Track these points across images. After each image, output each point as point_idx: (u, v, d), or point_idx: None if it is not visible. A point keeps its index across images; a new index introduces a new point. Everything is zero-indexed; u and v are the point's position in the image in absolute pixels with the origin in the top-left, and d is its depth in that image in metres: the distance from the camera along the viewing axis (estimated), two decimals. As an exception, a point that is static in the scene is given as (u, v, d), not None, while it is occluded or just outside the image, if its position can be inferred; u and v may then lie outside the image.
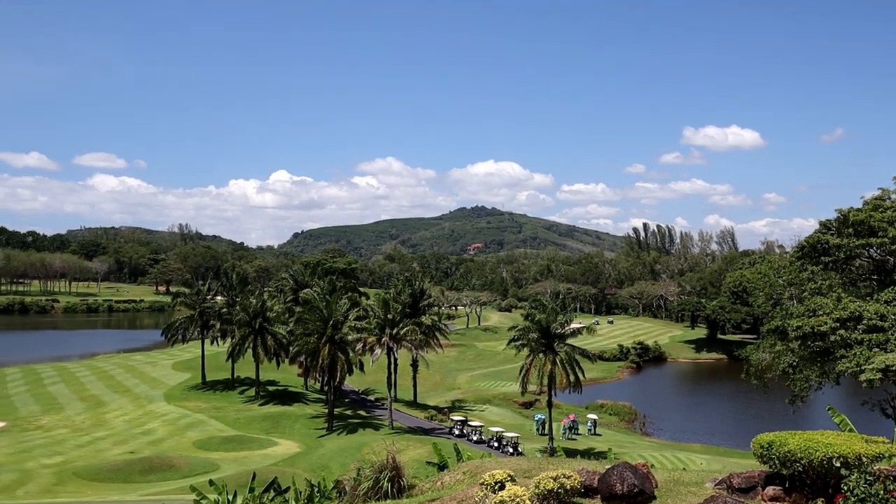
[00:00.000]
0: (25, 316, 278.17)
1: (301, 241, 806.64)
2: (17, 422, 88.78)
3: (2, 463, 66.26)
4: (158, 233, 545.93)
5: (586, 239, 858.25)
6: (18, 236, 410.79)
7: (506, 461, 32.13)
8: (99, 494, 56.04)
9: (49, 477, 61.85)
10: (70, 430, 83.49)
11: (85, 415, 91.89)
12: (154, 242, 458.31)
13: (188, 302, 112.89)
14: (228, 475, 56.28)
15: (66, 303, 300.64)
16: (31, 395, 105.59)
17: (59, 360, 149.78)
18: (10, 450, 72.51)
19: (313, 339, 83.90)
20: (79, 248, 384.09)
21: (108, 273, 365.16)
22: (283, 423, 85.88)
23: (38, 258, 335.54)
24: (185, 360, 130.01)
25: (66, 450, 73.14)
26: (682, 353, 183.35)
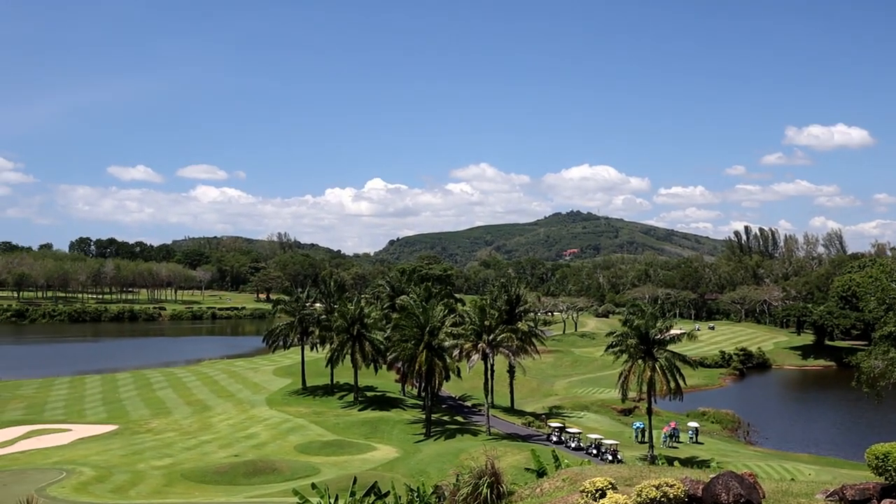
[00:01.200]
0: (135, 323, 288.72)
1: (396, 249, 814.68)
2: (128, 425, 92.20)
3: (115, 464, 68.80)
4: (258, 242, 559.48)
5: (685, 243, 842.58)
6: (127, 247, 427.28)
7: (606, 468, 31.73)
8: (206, 496, 57.60)
9: (159, 478, 63.91)
10: (178, 433, 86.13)
11: (191, 419, 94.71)
12: (254, 251, 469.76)
13: (288, 309, 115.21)
14: (329, 479, 57.09)
15: (172, 310, 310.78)
16: (142, 399, 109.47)
17: (167, 365, 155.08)
18: (123, 452, 75.25)
19: (410, 346, 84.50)
20: (183, 258, 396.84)
21: (212, 281, 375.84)
22: (381, 429, 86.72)
23: (145, 268, 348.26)
24: (285, 366, 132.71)
25: (175, 452, 75.44)
26: (788, 359, 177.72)
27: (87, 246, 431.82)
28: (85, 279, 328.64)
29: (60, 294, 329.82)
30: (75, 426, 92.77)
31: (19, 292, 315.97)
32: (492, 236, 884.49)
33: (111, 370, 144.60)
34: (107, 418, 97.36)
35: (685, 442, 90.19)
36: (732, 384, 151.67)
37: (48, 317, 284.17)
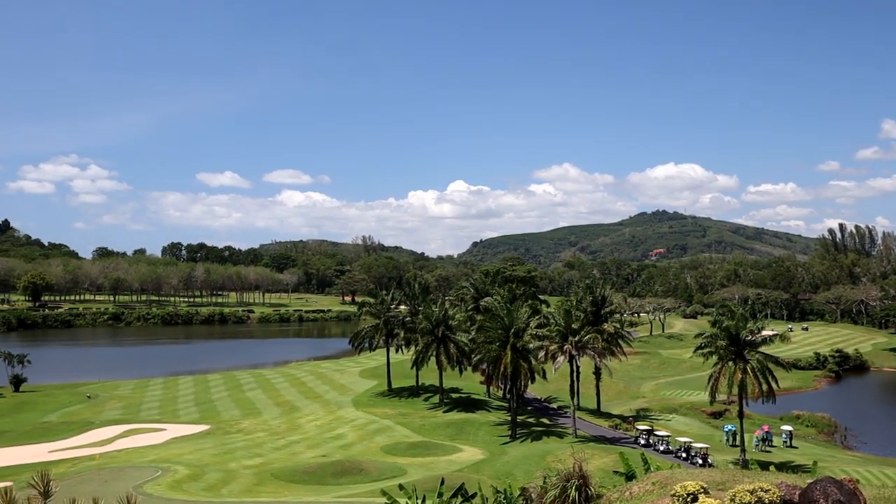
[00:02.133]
0: (224, 326, 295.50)
1: (480, 250, 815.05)
2: (220, 425, 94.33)
3: (208, 463, 70.42)
4: (343, 245, 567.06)
5: (776, 242, 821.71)
6: (217, 251, 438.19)
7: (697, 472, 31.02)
8: (295, 495, 58.43)
9: (250, 477, 65.16)
10: (267, 433, 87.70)
11: (280, 419, 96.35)
12: (339, 254, 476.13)
13: (373, 311, 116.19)
14: (416, 480, 57.30)
15: (260, 313, 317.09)
16: (232, 400, 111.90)
17: (256, 367, 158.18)
18: (215, 451, 76.98)
19: (495, 347, 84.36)
20: (270, 262, 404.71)
21: (298, 284, 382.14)
22: (466, 430, 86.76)
23: (234, 271, 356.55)
24: (371, 368, 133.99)
25: (265, 452, 76.82)
26: (888, 361, 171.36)
27: (179, 251, 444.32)
28: (177, 283, 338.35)
29: (154, 297, 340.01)
30: (169, 426, 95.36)
31: (115, 296, 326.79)
32: (576, 237, 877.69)
33: (202, 371, 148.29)
34: (199, 418, 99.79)
35: (778, 446, 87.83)
36: (828, 387, 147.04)
37: (142, 320, 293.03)
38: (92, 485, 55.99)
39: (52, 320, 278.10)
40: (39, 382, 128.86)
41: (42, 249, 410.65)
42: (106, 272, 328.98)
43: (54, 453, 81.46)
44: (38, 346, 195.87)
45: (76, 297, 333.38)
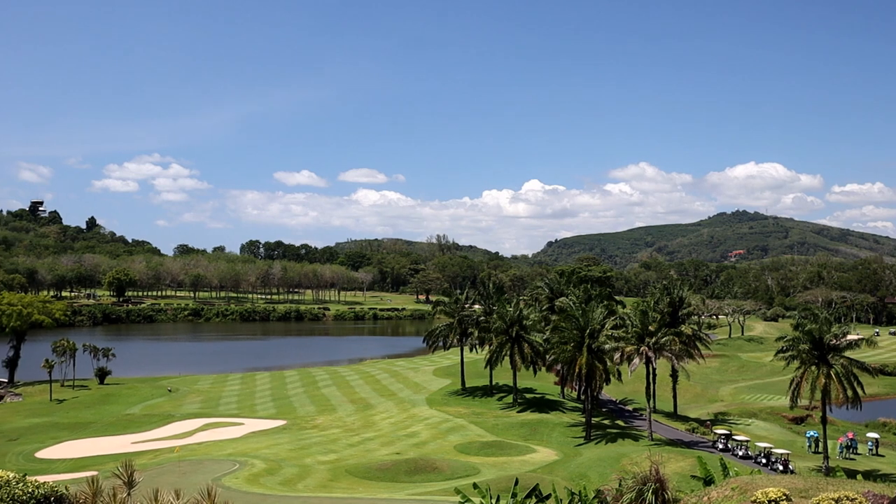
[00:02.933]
0: (300, 323, 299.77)
1: (554, 250, 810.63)
2: (296, 421, 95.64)
3: (284, 458, 71.44)
4: (418, 244, 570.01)
5: (862, 243, 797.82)
6: (293, 249, 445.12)
7: (778, 479, 30.23)
8: (369, 492, 58.82)
9: (325, 473, 65.86)
10: (342, 430, 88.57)
11: (355, 416, 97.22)
12: (414, 253, 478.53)
13: (447, 310, 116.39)
14: (489, 479, 57.18)
15: (335, 311, 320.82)
16: (308, 396, 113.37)
17: (331, 364, 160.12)
18: (291, 446, 78.08)
19: (570, 348, 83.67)
20: (346, 260, 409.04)
21: (373, 282, 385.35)
22: (540, 431, 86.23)
23: (310, 269, 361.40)
24: (444, 367, 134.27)
25: (339, 448, 77.59)
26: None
27: (257, 248, 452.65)
28: (254, 280, 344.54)
29: (232, 294, 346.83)
30: (247, 420, 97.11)
31: (195, 292, 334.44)
32: (652, 237, 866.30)
33: (279, 367, 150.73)
34: (275, 413, 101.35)
35: (864, 454, 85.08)
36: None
37: (221, 316, 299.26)
38: (172, 476, 57.28)
39: (135, 315, 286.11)
40: (123, 375, 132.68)
41: (126, 246, 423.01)
42: (186, 269, 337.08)
43: (136, 445, 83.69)
44: (122, 340, 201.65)
45: (158, 293, 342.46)
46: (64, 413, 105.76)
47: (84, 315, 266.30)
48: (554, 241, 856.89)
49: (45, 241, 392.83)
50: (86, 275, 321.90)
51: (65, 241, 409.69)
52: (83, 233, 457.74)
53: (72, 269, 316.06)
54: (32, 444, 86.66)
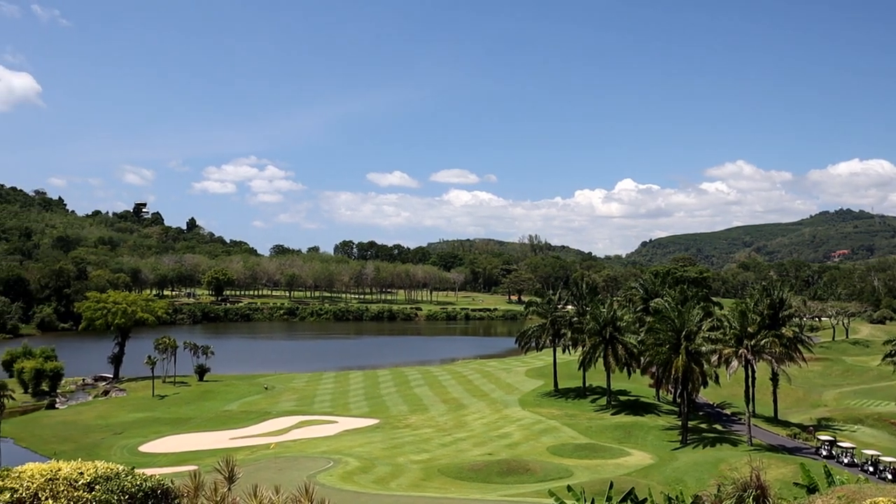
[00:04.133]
0: (393, 322, 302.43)
1: (649, 250, 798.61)
2: (388, 420, 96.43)
3: (377, 456, 72.06)
4: (509, 244, 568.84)
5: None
6: (386, 249, 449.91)
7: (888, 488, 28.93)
8: (461, 492, 58.79)
9: (417, 472, 66.14)
10: (434, 429, 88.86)
11: (447, 416, 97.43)
12: (505, 253, 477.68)
13: (540, 311, 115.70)
14: (583, 482, 56.45)
15: (427, 311, 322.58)
16: (400, 395, 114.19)
17: (423, 363, 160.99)
18: (384, 445, 78.73)
19: (665, 350, 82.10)
20: (438, 260, 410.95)
21: (465, 283, 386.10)
22: (635, 434, 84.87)
23: (402, 269, 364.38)
24: (537, 368, 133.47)
25: (432, 448, 77.85)
26: None
27: (350, 248, 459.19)
28: (348, 280, 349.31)
29: (326, 294, 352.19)
30: (340, 418, 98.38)
31: (290, 292, 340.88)
32: (750, 237, 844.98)
33: (372, 367, 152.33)
34: (369, 412, 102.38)
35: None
36: None
37: (315, 315, 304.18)
38: (268, 472, 58.37)
39: (232, 314, 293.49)
40: (221, 373, 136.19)
41: (224, 246, 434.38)
42: (282, 269, 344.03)
43: (234, 441, 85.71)
44: (220, 338, 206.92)
45: (255, 293, 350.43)
46: (165, 408, 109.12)
47: (184, 313, 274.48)
48: (648, 242, 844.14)
49: (147, 242, 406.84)
50: (186, 274, 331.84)
51: (166, 241, 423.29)
52: (184, 233, 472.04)
53: (173, 269, 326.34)
54: (136, 438, 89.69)
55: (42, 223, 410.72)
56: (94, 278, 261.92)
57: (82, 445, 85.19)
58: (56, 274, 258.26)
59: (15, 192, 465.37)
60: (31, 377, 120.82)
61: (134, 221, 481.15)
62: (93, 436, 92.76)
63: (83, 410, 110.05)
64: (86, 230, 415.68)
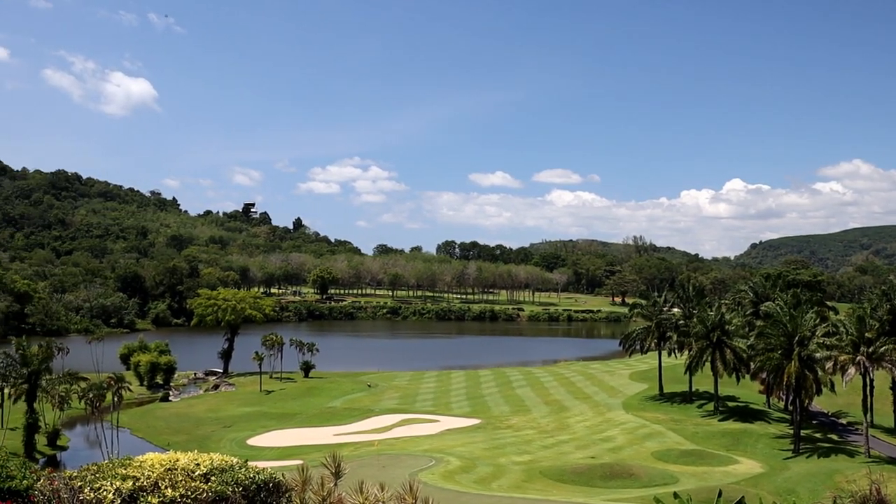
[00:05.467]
0: (494, 323, 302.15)
1: (759, 252, 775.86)
2: (490, 420, 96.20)
3: (478, 456, 71.88)
4: (613, 245, 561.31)
5: None
6: (488, 250, 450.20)
7: None
8: (563, 495, 58.03)
9: (519, 473, 65.66)
10: (536, 431, 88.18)
11: (549, 418, 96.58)
12: (609, 254, 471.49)
13: (645, 313, 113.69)
14: (689, 489, 54.92)
15: (529, 311, 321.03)
16: (502, 396, 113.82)
17: (524, 364, 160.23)
18: (486, 445, 78.50)
19: (776, 355, 79.31)
20: (540, 261, 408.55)
21: (567, 284, 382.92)
22: (743, 441, 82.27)
23: (504, 270, 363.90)
24: (641, 371, 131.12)
25: (533, 450, 77.23)
26: None
27: (452, 249, 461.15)
28: (450, 280, 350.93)
29: (428, 293, 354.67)
30: (442, 417, 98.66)
31: (393, 291, 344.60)
32: (868, 239, 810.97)
33: (473, 367, 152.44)
34: (470, 412, 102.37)
35: None
36: None
37: (418, 314, 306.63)
38: (371, 469, 58.79)
39: (336, 312, 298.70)
40: (325, 370, 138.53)
41: (329, 246, 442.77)
42: (385, 268, 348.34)
43: (338, 437, 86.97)
44: (325, 336, 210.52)
45: (358, 291, 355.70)
46: (272, 403, 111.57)
47: (290, 311, 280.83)
48: (758, 243, 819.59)
49: (256, 241, 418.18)
50: (292, 273, 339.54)
51: (273, 240, 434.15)
52: (290, 233, 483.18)
53: (280, 268, 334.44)
54: (244, 432, 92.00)
55: (157, 222, 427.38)
56: (205, 276, 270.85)
57: (194, 437, 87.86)
58: (170, 272, 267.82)
59: (132, 193, 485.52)
60: (147, 370, 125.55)
61: (243, 221, 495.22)
62: (204, 428, 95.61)
63: (194, 403, 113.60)
64: (197, 229, 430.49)
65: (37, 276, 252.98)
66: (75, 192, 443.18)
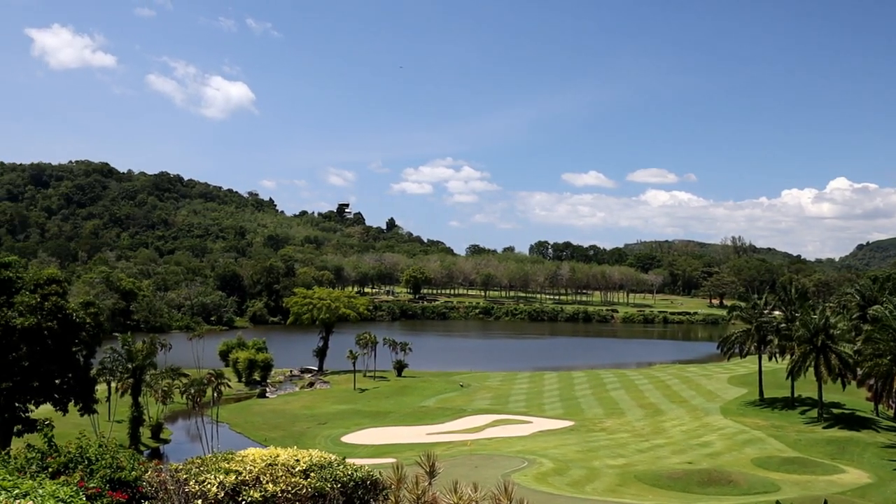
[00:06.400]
0: (588, 324, 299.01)
1: (866, 254, 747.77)
2: (583, 422, 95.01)
3: (572, 459, 70.98)
4: (710, 245, 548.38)
5: None
6: (581, 250, 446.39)
7: None
8: (659, 500, 56.80)
9: (613, 477, 64.53)
10: (631, 434, 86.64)
11: (644, 421, 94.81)
12: (706, 255, 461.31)
13: (744, 316, 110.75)
14: (791, 498, 53.11)
15: (623, 313, 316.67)
16: (595, 398, 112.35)
17: (619, 366, 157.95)
18: (579, 448, 77.49)
19: (885, 361, 76.23)
20: (635, 261, 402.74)
21: (663, 285, 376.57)
22: (850, 450, 79.05)
23: (598, 270, 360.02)
24: (740, 375, 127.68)
25: (628, 453, 75.86)
26: None
27: (545, 249, 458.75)
28: (543, 280, 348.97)
29: (521, 294, 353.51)
30: (535, 419, 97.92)
31: (486, 291, 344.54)
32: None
33: (566, 368, 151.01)
34: (563, 414, 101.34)
35: None
36: None
37: (510, 315, 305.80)
38: (464, 469, 58.59)
39: (429, 312, 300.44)
40: (418, 369, 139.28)
41: (422, 246, 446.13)
42: (478, 268, 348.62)
43: (431, 436, 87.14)
44: (417, 335, 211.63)
45: (451, 291, 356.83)
46: (366, 402, 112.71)
47: (383, 310, 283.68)
48: (865, 244, 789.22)
49: (350, 241, 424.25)
50: (385, 272, 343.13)
51: (367, 240, 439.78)
52: (383, 233, 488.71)
53: (373, 267, 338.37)
54: (339, 429, 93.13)
55: (254, 223, 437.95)
56: (300, 275, 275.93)
57: (290, 433, 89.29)
58: (267, 271, 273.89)
59: (231, 194, 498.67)
60: (245, 367, 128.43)
61: (337, 221, 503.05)
62: (299, 425, 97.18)
63: (290, 400, 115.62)
64: (293, 229, 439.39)
65: (141, 275, 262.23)
66: (177, 194, 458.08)
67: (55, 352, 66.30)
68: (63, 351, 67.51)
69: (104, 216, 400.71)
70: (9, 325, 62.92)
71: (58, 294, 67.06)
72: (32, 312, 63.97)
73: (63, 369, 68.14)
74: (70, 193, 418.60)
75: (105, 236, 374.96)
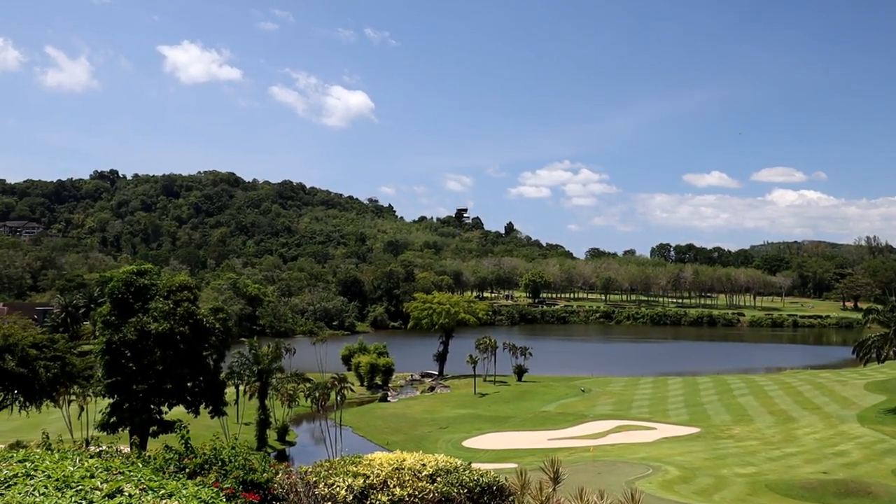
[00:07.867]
0: (713, 328, 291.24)
1: None
2: (710, 429, 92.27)
3: (698, 466, 68.95)
4: (843, 246, 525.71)
5: None
6: (705, 252, 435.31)
7: None
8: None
9: (742, 486, 62.32)
10: (760, 442, 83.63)
11: (774, 429, 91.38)
12: (838, 256, 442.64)
13: (881, 319, 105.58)
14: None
15: (750, 316, 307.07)
16: (722, 404, 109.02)
17: (746, 372, 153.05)
18: (706, 455, 75.23)
19: None
20: (762, 263, 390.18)
21: (792, 288, 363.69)
22: None
23: (723, 273, 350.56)
24: (878, 381, 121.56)
25: (758, 462, 73.20)
26: None
27: (667, 251, 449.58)
28: (665, 283, 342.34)
29: (642, 297, 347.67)
30: (659, 425, 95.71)
31: (606, 295, 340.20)
32: None
33: (691, 373, 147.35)
34: (688, 420, 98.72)
35: None
36: None
37: (632, 319, 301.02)
38: (587, 475, 57.67)
39: (548, 316, 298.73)
40: (538, 374, 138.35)
41: (540, 250, 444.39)
42: (597, 272, 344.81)
43: (552, 441, 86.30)
44: (537, 340, 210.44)
45: (570, 295, 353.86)
46: (486, 406, 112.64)
47: (503, 315, 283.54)
48: None
49: (468, 246, 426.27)
50: (504, 277, 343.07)
51: (485, 245, 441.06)
52: (501, 237, 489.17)
53: (492, 272, 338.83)
54: (459, 434, 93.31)
55: (374, 229, 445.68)
56: (420, 280, 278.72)
57: (411, 437, 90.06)
58: (387, 276, 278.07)
59: (351, 201, 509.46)
60: (367, 371, 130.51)
61: (455, 226, 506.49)
62: (420, 428, 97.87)
63: (411, 404, 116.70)
64: (412, 235, 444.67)
65: (266, 281, 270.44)
66: (300, 201, 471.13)
67: (187, 355, 68.76)
68: (194, 355, 69.97)
69: (231, 224, 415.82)
70: (144, 329, 65.69)
71: (189, 300, 69.60)
72: (166, 318, 66.56)
73: (194, 372, 70.61)
74: (199, 203, 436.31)
75: (232, 244, 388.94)
